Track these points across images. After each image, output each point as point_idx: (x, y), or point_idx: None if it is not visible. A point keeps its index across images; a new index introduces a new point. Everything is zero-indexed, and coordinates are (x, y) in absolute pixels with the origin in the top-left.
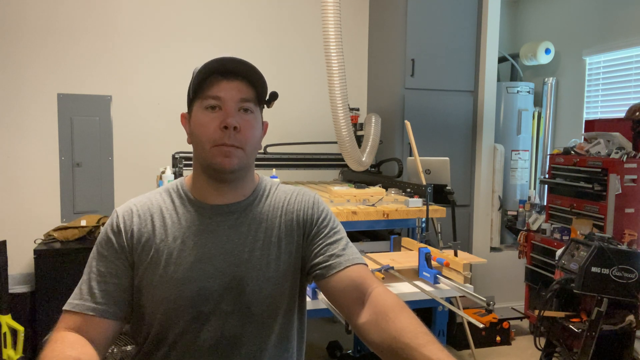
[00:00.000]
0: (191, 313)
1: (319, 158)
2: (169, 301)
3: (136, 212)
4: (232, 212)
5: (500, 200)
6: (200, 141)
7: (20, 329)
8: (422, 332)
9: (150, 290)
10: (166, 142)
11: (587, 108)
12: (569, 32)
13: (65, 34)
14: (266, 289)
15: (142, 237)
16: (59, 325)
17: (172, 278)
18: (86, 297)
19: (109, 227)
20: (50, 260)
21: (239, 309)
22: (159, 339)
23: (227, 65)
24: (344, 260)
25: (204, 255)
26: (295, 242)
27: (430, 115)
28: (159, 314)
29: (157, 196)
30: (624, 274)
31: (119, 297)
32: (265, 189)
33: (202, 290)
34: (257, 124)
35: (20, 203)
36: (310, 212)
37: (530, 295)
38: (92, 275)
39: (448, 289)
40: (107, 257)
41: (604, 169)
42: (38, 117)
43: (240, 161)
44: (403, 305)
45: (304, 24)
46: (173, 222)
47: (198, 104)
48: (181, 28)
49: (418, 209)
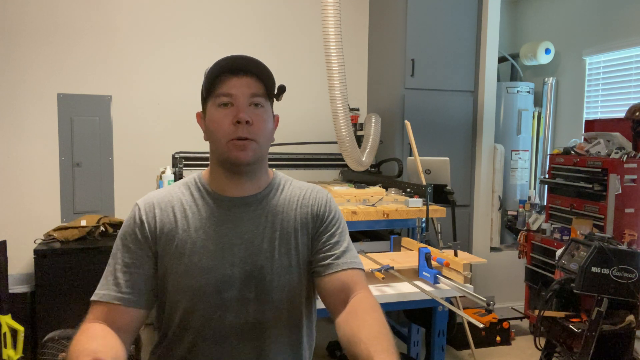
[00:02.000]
0: (216, 299)
1: (319, 158)
2: (194, 288)
3: (157, 204)
4: (250, 203)
5: (500, 200)
6: (216, 137)
7: (20, 329)
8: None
9: (176, 278)
10: (166, 142)
11: (587, 108)
12: (569, 32)
13: (65, 35)
14: (284, 277)
15: (165, 228)
16: (88, 316)
17: (197, 266)
18: (112, 287)
19: (132, 219)
20: (50, 260)
21: (260, 296)
22: (185, 326)
23: (235, 63)
24: (341, 262)
25: (225, 245)
26: (308, 234)
27: (430, 115)
28: (184, 301)
29: (176, 189)
30: (624, 274)
31: (143, 286)
32: (280, 182)
33: (225, 277)
34: (268, 117)
35: (20, 203)
36: (322, 209)
37: (530, 295)
38: (117, 266)
39: (448, 289)
40: (130, 248)
41: (604, 169)
42: (38, 117)
43: (255, 153)
44: (376, 308)
45: (303, 24)
46: (193, 214)
47: (211, 102)
48: (181, 28)
49: (418, 209)
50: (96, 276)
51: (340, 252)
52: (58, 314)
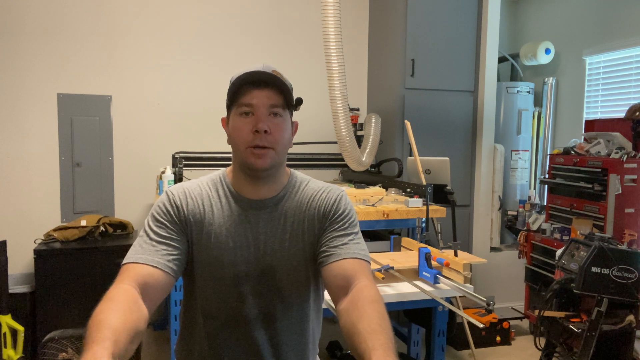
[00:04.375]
0: (234, 292)
1: (319, 158)
2: (216, 280)
3: (189, 193)
4: (266, 206)
5: (500, 200)
6: (236, 143)
7: (20, 329)
8: (379, 324)
9: (202, 267)
10: (166, 142)
11: (587, 108)
12: (569, 32)
13: (65, 34)
14: (293, 275)
15: (195, 217)
16: (120, 277)
17: (218, 260)
18: (149, 252)
19: (166, 201)
20: (50, 260)
21: (272, 291)
22: (208, 313)
23: (257, 76)
24: (344, 252)
25: (242, 243)
26: (314, 234)
27: (430, 115)
28: (209, 290)
29: (204, 184)
30: (624, 274)
31: (176, 257)
32: (295, 184)
33: (240, 272)
34: (286, 126)
35: (20, 203)
36: (330, 208)
37: (530, 295)
38: (152, 236)
39: (448, 289)
40: (166, 225)
41: (604, 169)
42: (38, 117)
43: (272, 160)
44: (377, 300)
45: (303, 24)
46: (217, 210)
47: (234, 110)
48: (181, 28)
49: (418, 209)
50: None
51: (344, 243)
52: (58, 314)
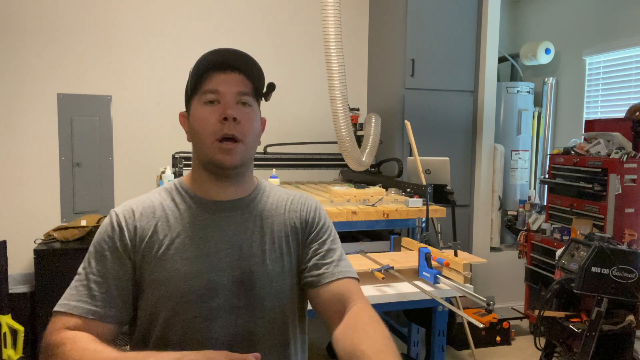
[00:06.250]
0: (200, 308)
1: (319, 158)
2: (176, 296)
3: (136, 209)
4: (236, 207)
5: (500, 200)
6: (200, 136)
7: (20, 329)
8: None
9: (157, 286)
10: (166, 142)
11: (587, 108)
12: (569, 32)
13: (65, 34)
14: (277, 284)
15: (145, 234)
16: (56, 326)
17: (180, 272)
18: (85, 300)
19: (108, 226)
20: (50, 260)
21: (251, 304)
22: (165, 340)
23: (223, 58)
24: (337, 271)
25: (210, 249)
26: (298, 240)
27: (430, 115)
28: (165, 311)
29: (156, 195)
30: (624, 273)
31: (120, 299)
32: (265, 188)
33: (210, 283)
34: (255, 117)
35: (20, 203)
36: (312, 215)
37: (530, 295)
38: (91, 276)
39: (448, 289)
40: (107, 257)
41: (604, 169)
42: (38, 117)
43: (242, 156)
44: (378, 320)
45: (304, 24)
46: (175, 218)
47: (196, 99)
48: (181, 28)
49: (418, 209)
50: None
51: (334, 260)
52: None
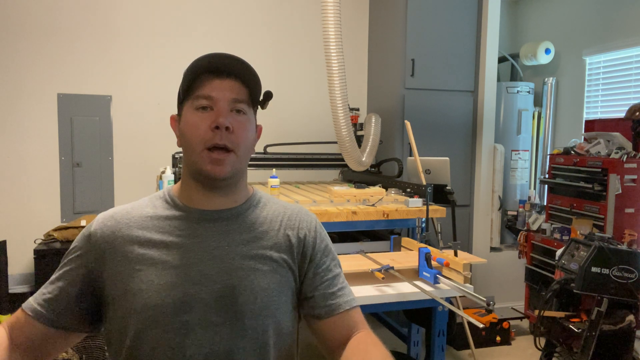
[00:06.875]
0: (174, 323)
1: (319, 158)
2: (148, 308)
3: (114, 216)
4: (222, 218)
5: (500, 200)
6: (190, 143)
7: None
8: None
9: (127, 298)
10: (166, 142)
11: (587, 108)
12: (569, 32)
13: (65, 34)
14: (261, 300)
15: (117, 241)
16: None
17: (154, 283)
18: (37, 297)
19: (84, 230)
20: (50, 260)
21: (230, 321)
22: (136, 355)
23: (219, 63)
24: (342, 302)
25: (189, 261)
26: (295, 259)
27: (430, 115)
28: (135, 324)
29: (142, 202)
30: (624, 274)
31: (63, 304)
32: (260, 199)
33: (186, 296)
34: (250, 126)
35: (20, 203)
36: (312, 235)
37: (530, 295)
38: (53, 277)
39: (448, 289)
40: (70, 260)
41: (604, 169)
42: (38, 117)
43: (233, 167)
44: (379, 343)
45: (304, 24)
46: (155, 226)
47: (188, 104)
48: (181, 28)
49: (418, 209)
50: None
51: (339, 289)
52: None
